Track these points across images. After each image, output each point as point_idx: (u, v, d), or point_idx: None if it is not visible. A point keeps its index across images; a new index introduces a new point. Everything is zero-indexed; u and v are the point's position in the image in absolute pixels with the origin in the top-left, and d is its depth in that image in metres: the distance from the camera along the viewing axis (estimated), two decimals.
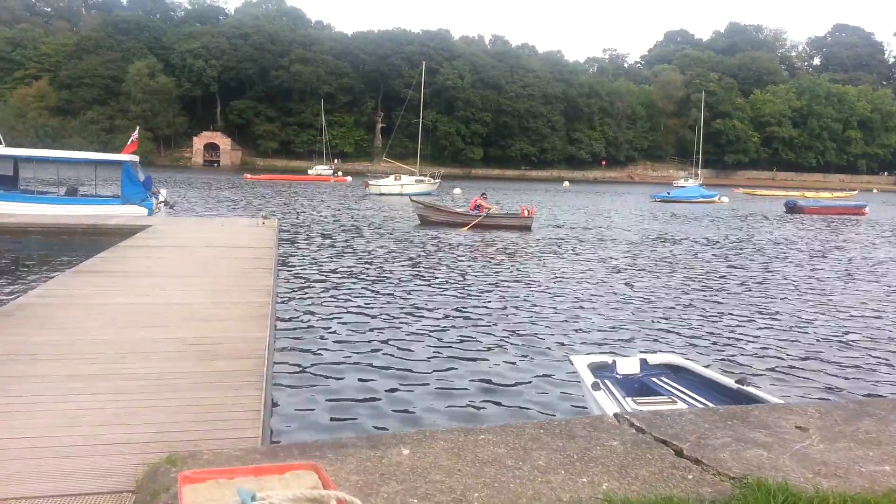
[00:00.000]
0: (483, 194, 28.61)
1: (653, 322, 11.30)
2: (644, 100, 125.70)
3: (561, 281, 15.01)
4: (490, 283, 14.28)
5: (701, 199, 53.90)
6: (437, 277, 14.79)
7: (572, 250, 20.59)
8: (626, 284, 14.89)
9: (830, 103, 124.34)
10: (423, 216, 27.36)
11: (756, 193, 70.79)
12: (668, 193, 57.41)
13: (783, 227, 32.17)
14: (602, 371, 6.50)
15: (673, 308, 12.51)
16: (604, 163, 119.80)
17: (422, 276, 14.98)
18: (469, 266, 16.56)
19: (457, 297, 12.81)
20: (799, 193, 61.48)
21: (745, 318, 11.81)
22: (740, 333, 10.70)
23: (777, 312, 12.42)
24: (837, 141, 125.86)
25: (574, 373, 6.83)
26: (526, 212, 27.11)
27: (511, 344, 9.59)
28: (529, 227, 26.23)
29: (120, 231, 16.43)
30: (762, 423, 3.50)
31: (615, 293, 13.78)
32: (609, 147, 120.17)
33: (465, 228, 24.71)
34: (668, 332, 10.65)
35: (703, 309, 12.56)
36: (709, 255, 20.80)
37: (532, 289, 13.89)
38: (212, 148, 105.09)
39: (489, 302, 12.41)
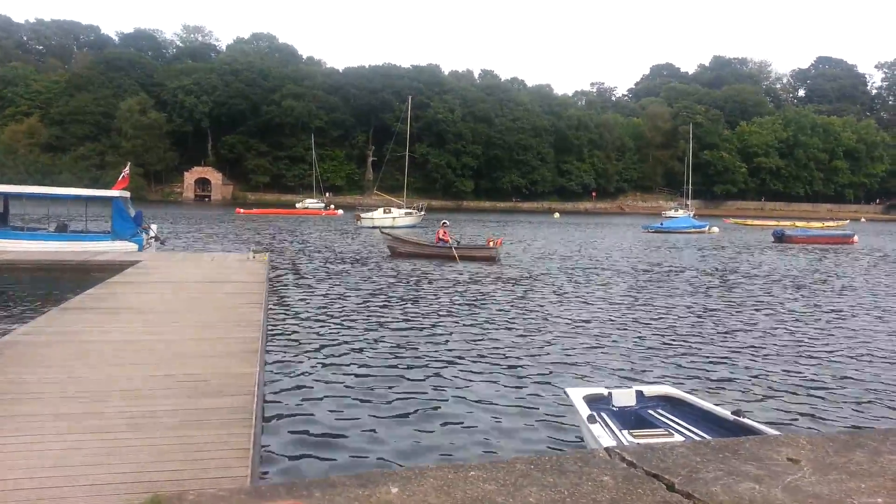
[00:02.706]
0: (444, 223, 28.91)
1: (645, 352, 11.27)
2: (632, 132, 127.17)
3: (549, 312, 14.98)
4: (475, 315, 14.25)
5: (692, 230, 54.20)
6: (422, 311, 14.76)
7: (551, 282, 20.58)
8: (617, 314, 14.88)
9: (816, 134, 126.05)
10: (392, 248, 27.85)
11: (746, 223, 71.22)
12: (661, 224, 57.69)
13: (770, 257, 32.34)
14: (598, 403, 6.47)
15: (665, 338, 12.49)
16: (594, 194, 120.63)
17: (407, 309, 14.94)
18: (450, 299, 16.53)
19: (443, 329, 12.76)
20: (790, 223, 61.91)
21: (738, 348, 11.81)
22: (733, 363, 10.69)
23: (768, 342, 12.42)
24: (824, 171, 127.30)
25: (569, 405, 6.79)
26: (492, 243, 27.30)
27: (502, 375, 9.54)
28: (495, 257, 26.31)
29: (110, 267, 16.33)
30: (754, 455, 3.48)
31: (606, 324, 13.76)
32: (599, 178, 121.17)
33: (457, 261, 24.74)
34: (662, 362, 10.62)
35: (696, 339, 12.55)
36: (699, 285, 20.85)
37: (517, 320, 13.86)
38: (203, 183, 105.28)
39: (476, 334, 12.38)
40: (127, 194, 21.67)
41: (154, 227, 23.57)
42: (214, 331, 8.82)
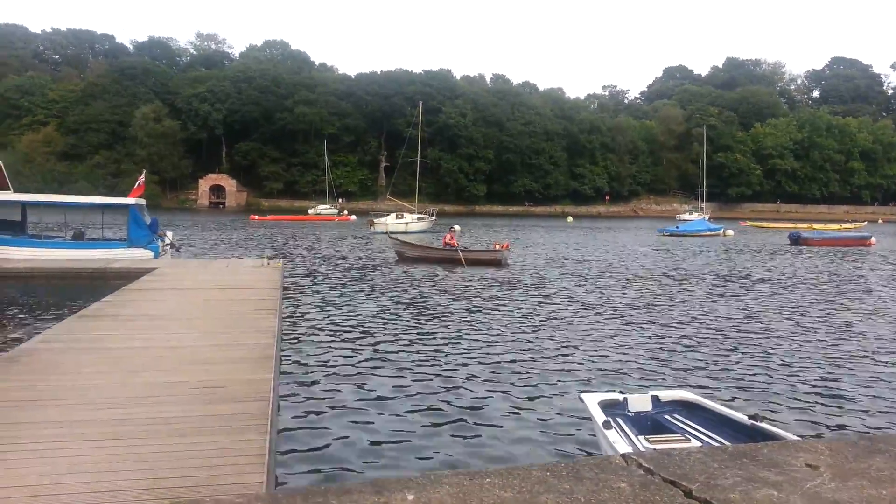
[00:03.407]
0: (452, 228, 29.05)
1: (660, 357, 11.20)
2: (645, 135, 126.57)
3: (561, 317, 14.93)
4: (485, 320, 14.22)
5: (707, 233, 53.88)
6: (433, 316, 14.75)
7: (563, 287, 20.51)
8: (632, 319, 14.80)
9: (831, 135, 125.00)
10: (400, 252, 27.97)
11: (763, 226, 70.65)
12: (677, 227, 57.30)
13: (786, 260, 32.08)
14: (613, 409, 6.43)
15: (681, 343, 12.41)
16: (607, 197, 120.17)
17: (418, 315, 14.94)
18: (461, 304, 16.49)
19: (455, 335, 12.75)
20: (807, 225, 61.34)
21: (754, 352, 11.71)
22: (749, 367, 10.60)
23: (784, 346, 12.31)
24: (840, 172, 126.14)
25: (585, 411, 6.76)
26: (498, 246, 27.22)
27: (515, 381, 9.51)
28: (501, 261, 26.23)
29: (125, 274, 16.47)
30: (772, 461, 3.44)
31: (621, 328, 13.70)
32: (612, 182, 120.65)
33: (464, 266, 24.83)
34: (678, 366, 10.55)
35: (712, 343, 12.46)
36: (714, 288, 20.70)
37: (529, 325, 13.81)
38: (217, 190, 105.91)
39: (488, 339, 12.35)
40: (142, 202, 21.81)
41: (169, 234, 23.72)
42: (229, 337, 8.86)
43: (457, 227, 29.93)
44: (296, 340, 11.93)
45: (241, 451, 4.84)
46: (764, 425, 5.81)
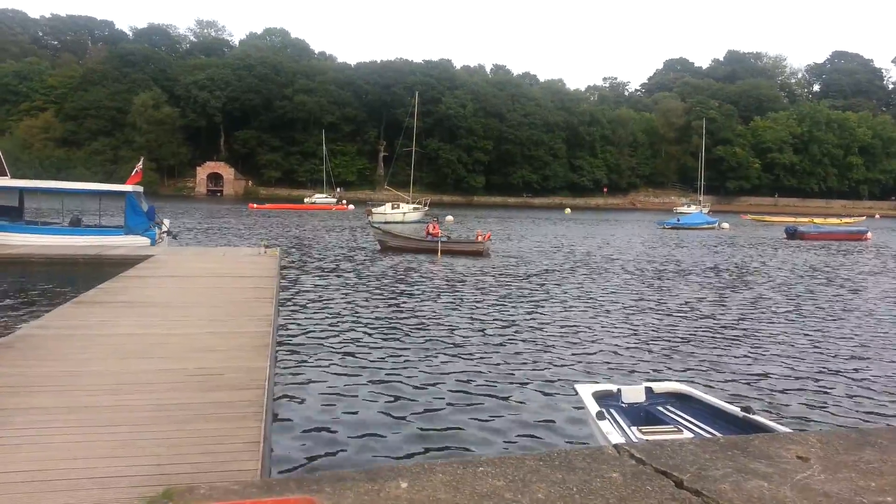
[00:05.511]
0: (435, 218, 29.17)
1: (655, 349, 11.23)
2: (645, 127, 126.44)
3: (554, 309, 14.95)
4: (479, 311, 14.24)
5: (705, 226, 54.03)
6: (427, 306, 14.75)
7: (560, 279, 20.54)
8: (626, 311, 14.83)
9: (831, 129, 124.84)
10: (383, 242, 28.04)
11: (764, 220, 70.63)
12: (678, 220, 57.26)
13: (783, 254, 32.13)
14: (607, 400, 6.46)
15: (675, 335, 12.45)
16: (606, 189, 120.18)
17: (412, 304, 14.94)
18: (453, 295, 16.49)
19: (449, 325, 12.76)
20: (807, 219, 61.40)
21: (748, 345, 11.75)
22: (743, 360, 10.64)
23: (778, 339, 12.35)
24: (839, 167, 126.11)
25: (578, 401, 6.78)
26: (480, 237, 27.32)
27: (510, 371, 9.53)
28: (482, 252, 26.32)
29: (122, 261, 16.45)
30: (763, 453, 3.46)
31: (615, 320, 13.73)
32: (611, 174, 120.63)
33: (438, 256, 24.98)
34: (672, 358, 10.58)
35: (706, 336, 12.49)
36: (708, 281, 20.74)
37: (521, 315, 13.83)
38: (215, 178, 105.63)
39: (482, 329, 12.37)
40: (140, 189, 21.78)
41: (167, 221, 23.69)
42: (226, 325, 8.87)
43: (449, 218, 30.04)
44: (292, 328, 11.95)
45: (237, 438, 4.86)
46: (756, 417, 5.83)
